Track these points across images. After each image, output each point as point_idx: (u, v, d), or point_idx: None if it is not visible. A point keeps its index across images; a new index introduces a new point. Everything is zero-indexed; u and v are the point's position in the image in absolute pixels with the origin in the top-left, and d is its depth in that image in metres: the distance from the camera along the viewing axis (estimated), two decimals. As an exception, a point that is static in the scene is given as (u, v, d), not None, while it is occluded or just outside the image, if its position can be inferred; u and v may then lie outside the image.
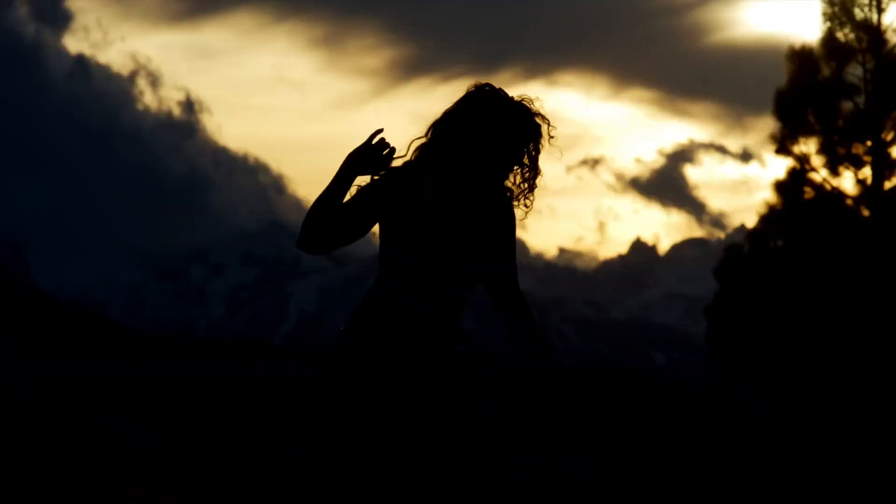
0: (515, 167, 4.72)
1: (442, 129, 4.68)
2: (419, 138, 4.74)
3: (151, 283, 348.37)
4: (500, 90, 4.68)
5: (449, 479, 4.58)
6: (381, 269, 4.72)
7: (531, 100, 4.72)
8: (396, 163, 4.72)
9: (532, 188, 4.77)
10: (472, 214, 4.68)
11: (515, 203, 4.79)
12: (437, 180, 4.65)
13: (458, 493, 4.56)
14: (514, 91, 4.70)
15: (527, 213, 4.79)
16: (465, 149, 4.63)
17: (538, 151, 4.72)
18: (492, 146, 4.63)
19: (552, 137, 4.70)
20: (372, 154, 4.66)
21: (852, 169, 28.01)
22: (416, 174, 4.67)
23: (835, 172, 28.09)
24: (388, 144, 4.68)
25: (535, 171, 4.75)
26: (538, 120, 4.71)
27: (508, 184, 4.75)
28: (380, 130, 4.64)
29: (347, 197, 4.67)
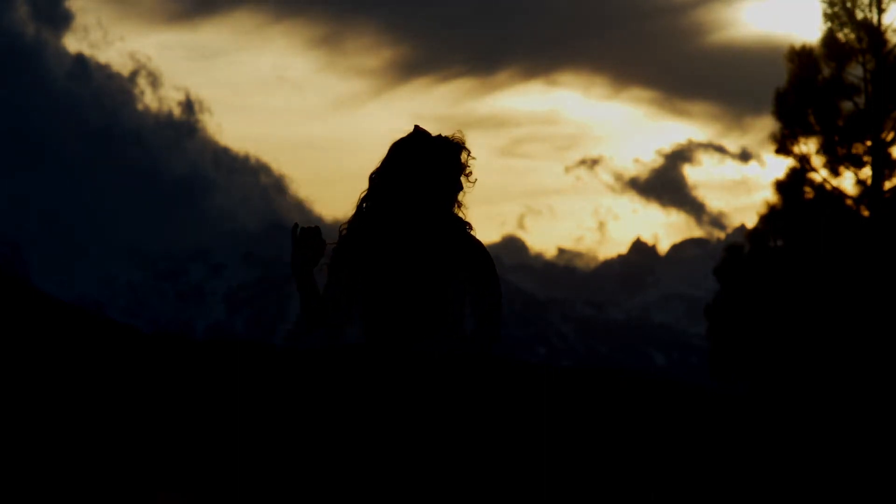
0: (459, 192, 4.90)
1: (382, 181, 4.86)
2: (364, 192, 4.91)
3: (151, 283, 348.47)
4: (419, 133, 4.87)
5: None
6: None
7: (454, 136, 4.91)
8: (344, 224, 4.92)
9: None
10: (420, 249, 4.83)
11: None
12: (388, 224, 4.82)
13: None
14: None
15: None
16: (411, 191, 4.81)
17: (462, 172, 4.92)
18: (434, 182, 4.82)
19: (469, 162, 4.92)
20: (303, 247, 4.82)
21: (852, 169, 28.00)
22: (366, 227, 4.85)
23: (835, 172, 28.07)
24: (309, 229, 4.85)
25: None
26: (461, 149, 4.90)
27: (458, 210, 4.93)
28: (296, 225, 4.83)
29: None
